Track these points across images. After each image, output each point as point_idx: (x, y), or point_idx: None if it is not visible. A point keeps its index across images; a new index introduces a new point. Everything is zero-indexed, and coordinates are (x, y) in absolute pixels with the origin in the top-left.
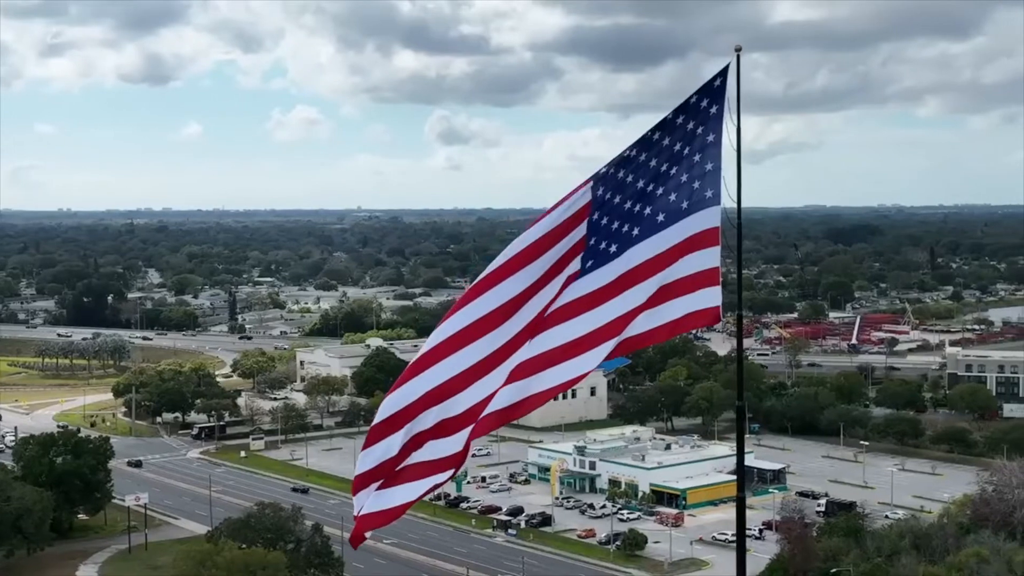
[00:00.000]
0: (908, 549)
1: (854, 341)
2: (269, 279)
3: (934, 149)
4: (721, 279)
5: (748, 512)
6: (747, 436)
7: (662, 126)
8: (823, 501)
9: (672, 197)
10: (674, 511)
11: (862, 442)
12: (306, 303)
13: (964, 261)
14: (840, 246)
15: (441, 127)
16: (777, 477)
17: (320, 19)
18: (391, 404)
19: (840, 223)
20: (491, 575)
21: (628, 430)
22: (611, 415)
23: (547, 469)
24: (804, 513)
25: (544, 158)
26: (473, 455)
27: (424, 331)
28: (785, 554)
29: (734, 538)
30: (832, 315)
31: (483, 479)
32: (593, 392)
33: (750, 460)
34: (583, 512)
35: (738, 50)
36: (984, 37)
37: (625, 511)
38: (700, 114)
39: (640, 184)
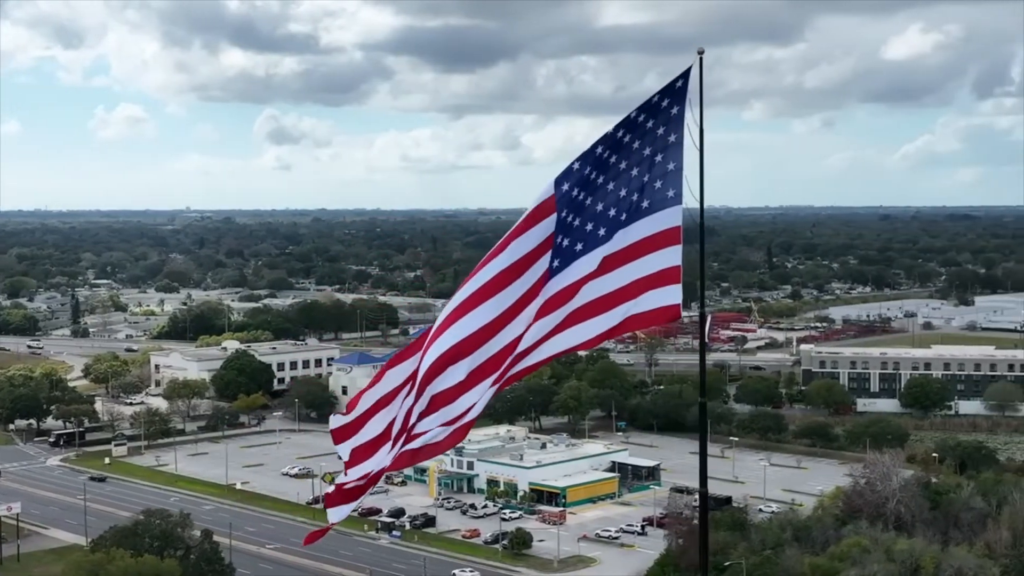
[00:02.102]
0: (790, 541)
1: (706, 340)
2: (106, 281)
3: (759, 152)
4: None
5: (627, 509)
6: (616, 434)
7: (626, 124)
8: (696, 496)
9: (634, 197)
10: (556, 509)
11: (732, 438)
12: (149, 305)
13: (799, 261)
14: None
15: (271, 126)
16: (652, 474)
17: (144, 15)
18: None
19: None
20: None
21: (502, 430)
22: (483, 414)
23: (424, 470)
24: (692, 508)
25: (376, 158)
26: (342, 457)
27: (278, 332)
28: (674, 549)
29: (618, 535)
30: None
31: None
32: None
33: (624, 458)
34: (464, 512)
35: (701, 52)
36: (806, 44)
37: (507, 511)
38: (662, 114)
39: (603, 183)
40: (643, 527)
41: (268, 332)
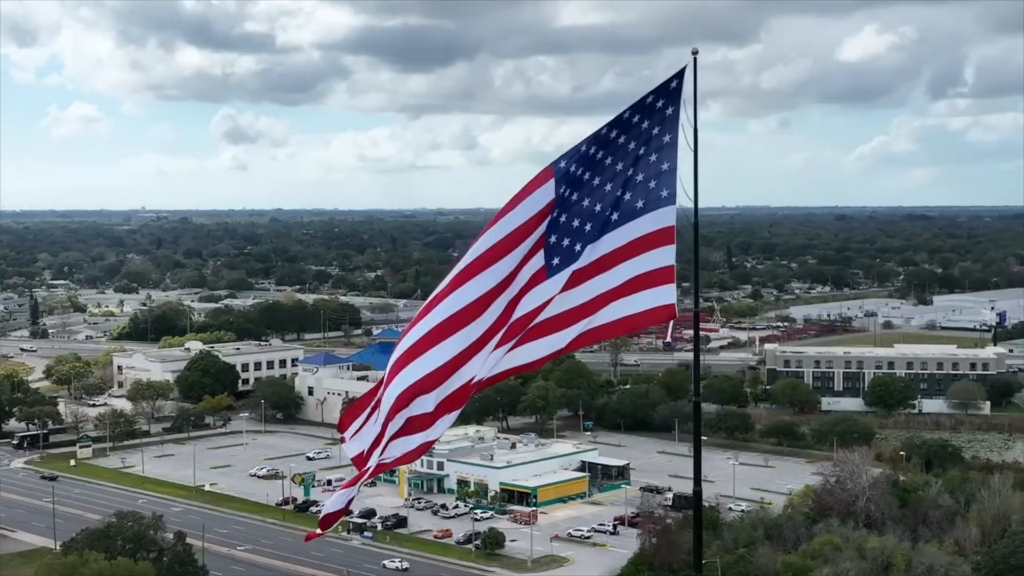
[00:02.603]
0: (762, 540)
1: (668, 339)
2: (63, 281)
3: (716, 152)
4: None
5: (598, 509)
6: (583, 433)
7: (619, 124)
8: (670, 495)
9: (628, 196)
10: (528, 509)
11: (702, 437)
12: (108, 306)
13: (758, 261)
14: None
15: (227, 126)
16: (621, 473)
17: (99, 13)
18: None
19: None
20: None
21: (471, 430)
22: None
23: (394, 471)
24: (664, 508)
25: (333, 158)
26: (311, 458)
27: (241, 333)
28: (648, 548)
29: (590, 534)
30: None
31: (329, 482)
32: None
33: (594, 457)
34: (435, 513)
35: (695, 53)
36: (762, 45)
37: (478, 511)
38: (656, 114)
39: (597, 182)
40: (615, 527)
41: (231, 333)
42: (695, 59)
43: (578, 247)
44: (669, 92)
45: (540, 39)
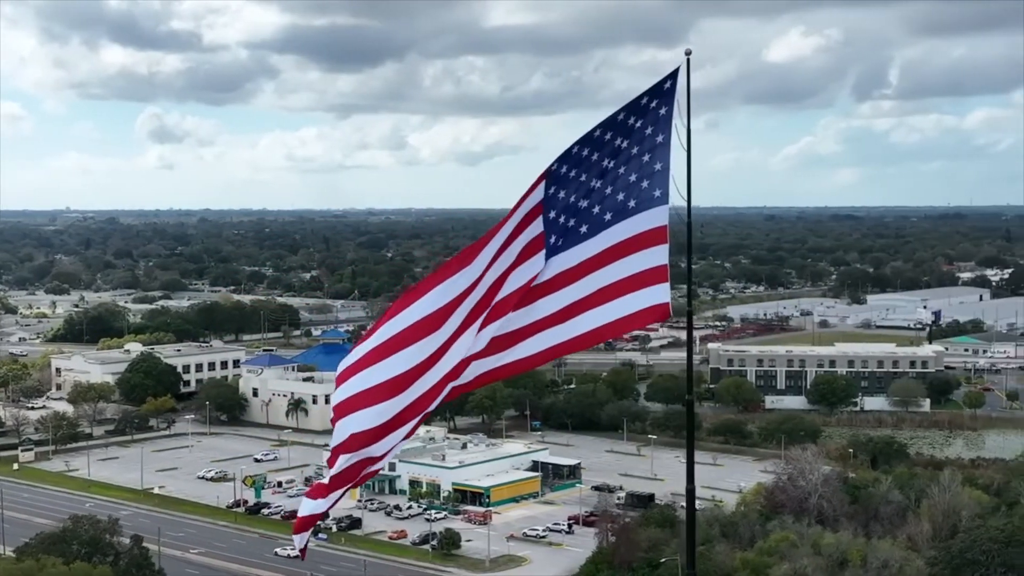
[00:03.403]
0: (718, 537)
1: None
2: None
3: None
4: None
5: (551, 508)
6: (531, 433)
7: (612, 125)
8: (622, 494)
9: (620, 196)
10: (482, 509)
11: (650, 436)
12: (39, 307)
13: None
14: None
15: (153, 125)
16: (573, 473)
17: (20, 10)
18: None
19: None
20: None
21: (421, 430)
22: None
23: None
24: (629, 506)
25: (261, 158)
26: (258, 460)
27: (179, 334)
28: (606, 547)
29: (545, 534)
30: None
31: (279, 484)
32: None
33: (545, 457)
34: (389, 514)
35: (688, 54)
36: (690, 46)
37: (432, 511)
38: (650, 115)
39: (590, 182)
40: (570, 526)
41: (170, 334)
42: (688, 60)
43: (564, 243)
44: (662, 93)
45: (469, 39)
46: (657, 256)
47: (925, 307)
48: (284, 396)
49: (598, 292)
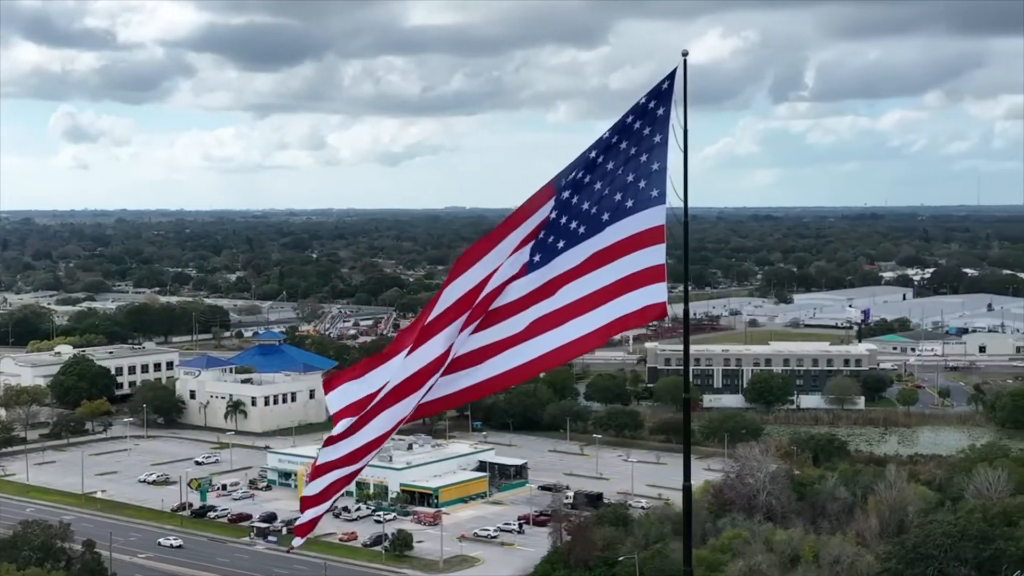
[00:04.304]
0: (671, 535)
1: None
2: None
3: (565, 153)
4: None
5: (499, 508)
6: (473, 433)
7: (619, 127)
8: (571, 494)
9: (618, 196)
10: (431, 510)
11: (595, 436)
12: None
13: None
14: None
15: (67, 124)
16: (519, 472)
17: None
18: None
19: (487, 224)
20: None
21: None
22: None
23: (288, 474)
24: (577, 505)
25: (178, 158)
26: (199, 463)
27: (109, 336)
28: (561, 546)
29: (496, 534)
30: None
31: (223, 487)
32: (312, 395)
33: (491, 457)
34: (337, 515)
35: (685, 55)
36: (609, 47)
37: (381, 512)
38: (648, 115)
39: (591, 183)
40: (521, 526)
41: (100, 336)
42: (685, 61)
43: (562, 244)
44: (660, 93)
45: (389, 39)
46: (654, 256)
47: (851, 306)
48: (222, 398)
49: (596, 293)
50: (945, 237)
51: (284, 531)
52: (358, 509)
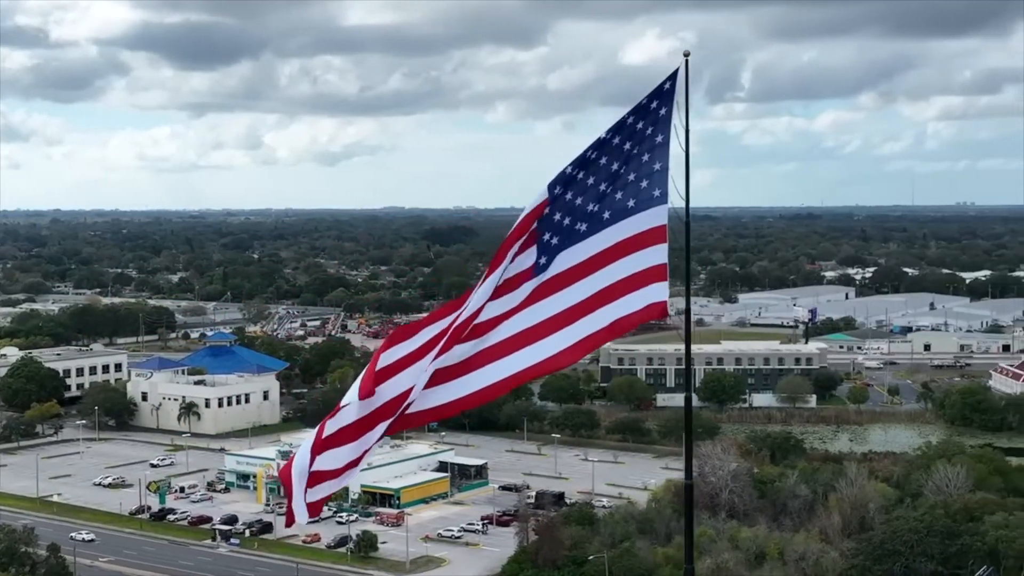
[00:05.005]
0: (636, 534)
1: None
2: None
3: (504, 153)
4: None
5: (461, 508)
6: (428, 433)
7: (618, 127)
8: (532, 493)
9: (619, 196)
10: (394, 511)
11: (554, 435)
12: None
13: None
14: (439, 247)
15: None
16: (479, 473)
17: None
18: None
19: (428, 224)
20: None
21: None
22: (285, 419)
23: (247, 476)
24: (543, 505)
25: (112, 157)
26: (155, 465)
27: (55, 338)
28: (529, 546)
29: (461, 534)
30: None
31: (182, 489)
32: (266, 396)
33: (451, 457)
34: None
35: (687, 55)
36: (548, 47)
37: (343, 514)
38: (650, 116)
39: (593, 183)
40: (485, 526)
41: (45, 338)
42: (687, 61)
43: (564, 243)
44: (662, 93)
45: (326, 38)
46: (656, 255)
47: (796, 305)
48: (175, 400)
49: (599, 294)
50: (883, 237)
51: (247, 533)
52: None
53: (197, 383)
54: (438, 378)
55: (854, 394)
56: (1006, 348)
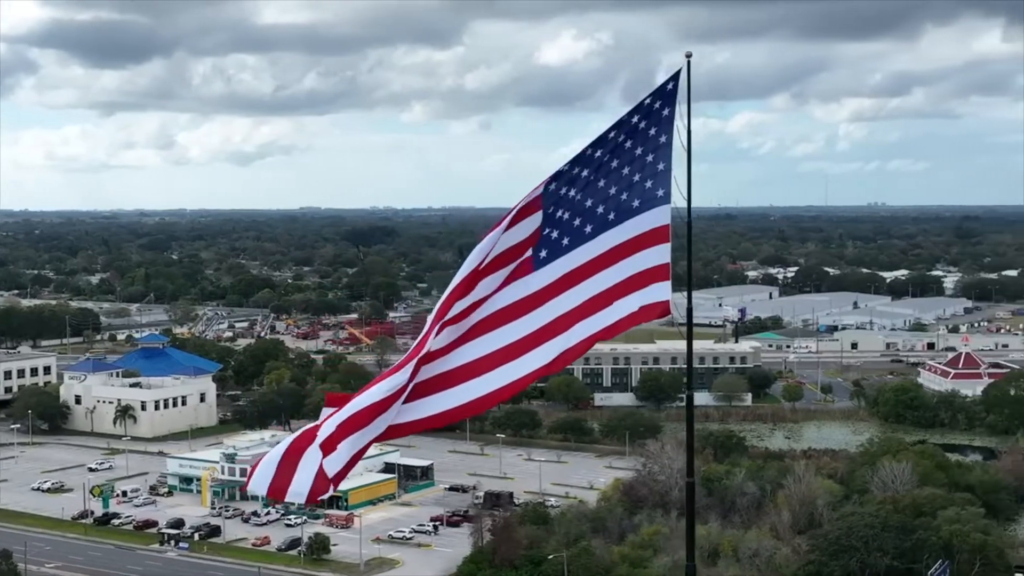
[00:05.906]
0: (589, 533)
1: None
2: None
3: (420, 153)
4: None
5: (409, 509)
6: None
7: (619, 125)
8: (480, 494)
9: (624, 196)
10: (344, 513)
11: (498, 435)
12: None
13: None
14: (361, 248)
15: None
16: (426, 473)
17: None
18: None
19: (347, 225)
20: None
21: (267, 434)
22: (222, 421)
23: (190, 479)
24: (501, 505)
25: (20, 156)
26: (93, 469)
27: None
28: (485, 546)
29: (411, 535)
30: (390, 315)
31: (124, 493)
32: (203, 398)
33: (397, 458)
34: (247, 520)
35: (688, 56)
36: (464, 47)
37: (291, 516)
38: (653, 115)
39: (595, 181)
40: (435, 527)
41: (29, 341)
42: (688, 62)
43: (567, 241)
44: (665, 93)
45: (240, 37)
46: (659, 255)
47: (721, 305)
48: (110, 403)
49: (602, 293)
50: (801, 237)
51: (195, 537)
52: (267, 513)
53: (133, 385)
54: (439, 384)
55: (788, 392)
56: (931, 346)
